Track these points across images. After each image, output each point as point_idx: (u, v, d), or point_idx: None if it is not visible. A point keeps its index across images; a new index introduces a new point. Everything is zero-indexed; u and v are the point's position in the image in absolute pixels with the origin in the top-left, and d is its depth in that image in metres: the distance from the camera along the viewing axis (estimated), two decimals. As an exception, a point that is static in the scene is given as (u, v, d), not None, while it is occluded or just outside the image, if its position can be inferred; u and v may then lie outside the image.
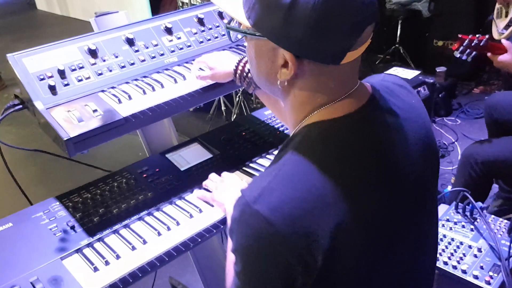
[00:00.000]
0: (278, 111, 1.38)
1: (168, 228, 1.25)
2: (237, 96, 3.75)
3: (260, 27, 0.77)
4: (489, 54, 2.14)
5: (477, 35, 2.16)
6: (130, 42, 1.45)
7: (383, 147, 0.81)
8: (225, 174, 1.36)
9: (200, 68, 1.41)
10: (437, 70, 3.78)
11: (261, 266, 0.75)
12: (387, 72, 3.00)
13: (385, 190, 0.80)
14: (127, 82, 1.39)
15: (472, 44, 2.15)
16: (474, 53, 2.17)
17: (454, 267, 1.46)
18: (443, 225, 1.64)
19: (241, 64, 1.31)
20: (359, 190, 0.76)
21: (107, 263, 1.15)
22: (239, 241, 0.77)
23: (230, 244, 0.94)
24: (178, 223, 1.27)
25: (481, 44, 2.14)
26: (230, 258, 0.93)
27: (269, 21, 0.75)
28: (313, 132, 0.80)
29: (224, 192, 1.27)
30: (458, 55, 2.20)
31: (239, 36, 0.95)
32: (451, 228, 1.63)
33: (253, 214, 0.73)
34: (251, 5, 0.78)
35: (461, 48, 2.17)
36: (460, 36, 2.19)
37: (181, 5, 4.28)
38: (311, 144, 0.79)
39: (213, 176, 1.38)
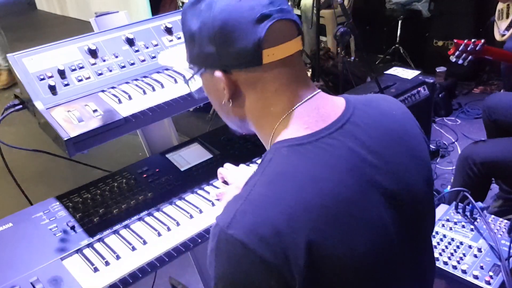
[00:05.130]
0: None
1: (168, 229, 1.25)
2: (237, 96, 3.73)
3: (193, 61, 0.85)
4: None
5: (472, 40, 2.16)
6: (130, 42, 1.45)
7: (356, 166, 0.78)
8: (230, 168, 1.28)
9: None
10: (437, 70, 3.78)
11: None
12: (387, 72, 2.98)
13: (357, 213, 0.76)
14: (127, 82, 1.40)
15: (468, 49, 2.16)
16: (470, 57, 2.18)
17: (454, 267, 1.46)
18: (443, 225, 1.64)
19: None
20: (331, 210, 0.73)
21: (107, 263, 1.15)
22: (217, 271, 0.75)
23: None
24: (178, 224, 1.27)
25: (476, 48, 2.15)
26: None
27: (195, 51, 0.83)
28: (281, 152, 0.79)
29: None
30: (454, 60, 2.22)
31: (188, 79, 0.94)
32: (451, 228, 1.62)
33: (229, 240, 0.72)
34: (186, 48, 0.86)
35: (457, 52, 2.18)
36: (455, 41, 2.20)
37: (181, 5, 4.28)
38: (280, 163, 0.77)
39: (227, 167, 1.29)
